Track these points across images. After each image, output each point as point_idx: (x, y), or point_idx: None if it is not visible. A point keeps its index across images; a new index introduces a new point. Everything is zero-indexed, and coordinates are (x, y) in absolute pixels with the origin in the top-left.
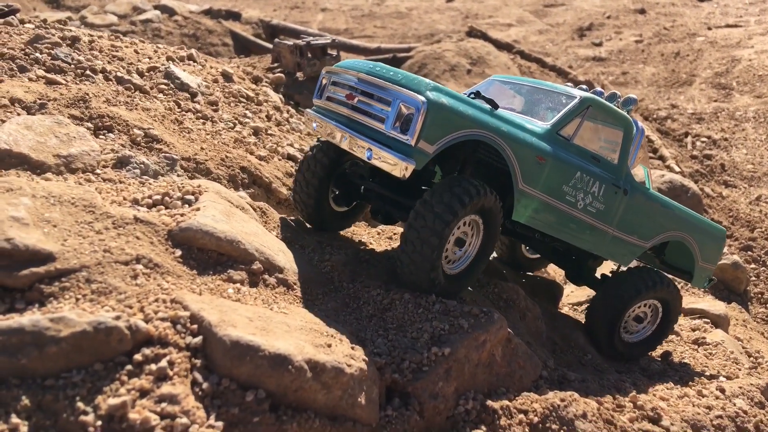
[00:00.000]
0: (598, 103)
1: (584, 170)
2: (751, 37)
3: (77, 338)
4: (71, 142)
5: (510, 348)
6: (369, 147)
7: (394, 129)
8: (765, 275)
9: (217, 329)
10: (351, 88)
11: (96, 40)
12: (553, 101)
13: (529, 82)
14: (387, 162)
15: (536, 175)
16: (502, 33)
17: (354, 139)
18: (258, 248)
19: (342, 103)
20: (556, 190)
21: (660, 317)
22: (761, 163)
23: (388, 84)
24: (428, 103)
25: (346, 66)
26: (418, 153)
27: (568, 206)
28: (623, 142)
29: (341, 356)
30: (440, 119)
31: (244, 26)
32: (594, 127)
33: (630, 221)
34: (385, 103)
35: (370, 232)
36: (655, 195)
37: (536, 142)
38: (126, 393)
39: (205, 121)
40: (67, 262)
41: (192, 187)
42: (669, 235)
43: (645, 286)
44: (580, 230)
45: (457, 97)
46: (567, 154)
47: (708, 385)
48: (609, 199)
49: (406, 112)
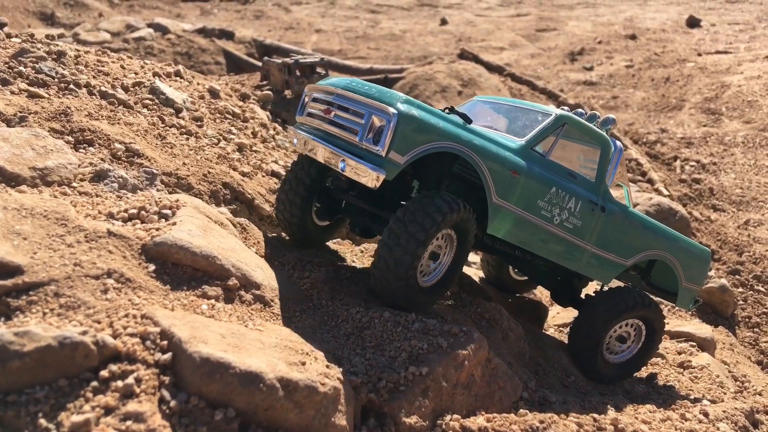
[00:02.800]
0: (573, 120)
1: (559, 186)
2: (741, 63)
3: (41, 353)
4: (48, 154)
5: (490, 368)
6: (343, 158)
7: (366, 140)
8: (752, 299)
9: (188, 345)
10: (328, 103)
11: (82, 55)
12: (530, 119)
13: (509, 102)
14: (359, 172)
15: (510, 189)
16: (494, 56)
17: (329, 151)
18: (235, 264)
19: (321, 118)
20: (531, 204)
21: (644, 337)
22: (749, 188)
23: (361, 97)
24: (399, 115)
25: (326, 83)
26: (388, 163)
27: (544, 221)
28: (600, 160)
29: (315, 374)
30: (410, 130)
31: (237, 45)
32: (570, 145)
33: (608, 238)
34: (359, 116)
35: (354, 250)
36: (634, 213)
37: (509, 156)
38: (90, 410)
39: (188, 136)
40: (36, 276)
41: (169, 201)
42: (650, 254)
43: (626, 305)
44: (557, 245)
45: (428, 110)
46: (541, 169)
47: (692, 408)
48: (586, 216)
49: (378, 124)
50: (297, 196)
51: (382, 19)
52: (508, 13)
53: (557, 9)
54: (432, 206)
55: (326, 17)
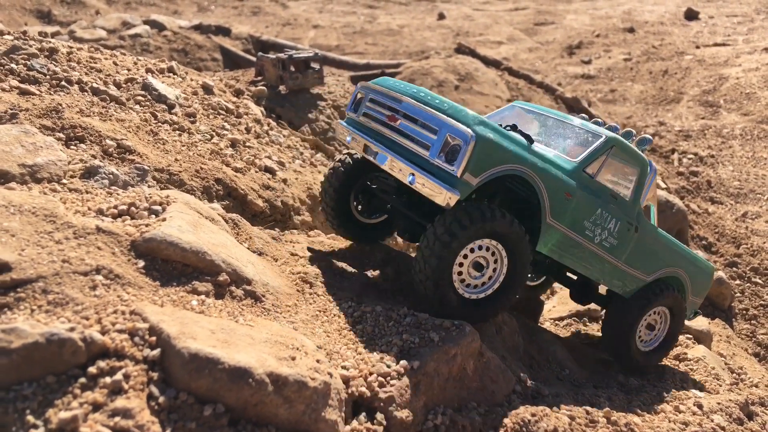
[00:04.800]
0: (620, 143)
1: (604, 207)
2: (739, 55)
3: (29, 350)
4: (38, 151)
5: (482, 362)
6: (412, 172)
7: (438, 158)
8: (750, 291)
9: (176, 341)
10: (393, 109)
11: (74, 52)
12: (579, 138)
13: (553, 114)
14: (430, 189)
15: (563, 210)
16: (492, 50)
17: (395, 161)
18: (225, 259)
19: (381, 123)
20: (578, 224)
21: (669, 323)
22: (747, 180)
23: (435, 112)
24: (477, 137)
25: (386, 85)
26: (462, 184)
27: (586, 240)
28: (638, 181)
29: (305, 369)
30: (485, 153)
31: (233, 42)
32: (613, 165)
33: (637, 256)
34: (431, 131)
35: (348, 245)
36: (660, 233)
37: (566, 178)
38: (78, 406)
39: (181, 132)
40: (24, 272)
41: (160, 197)
42: (668, 271)
43: (654, 295)
44: (593, 262)
45: (500, 132)
46: (590, 191)
47: (685, 400)
48: (622, 236)
49: (452, 142)
50: (332, 189)
51: (380, 14)
52: (505, 7)
53: (555, 2)
54: (464, 214)
55: (323, 13)
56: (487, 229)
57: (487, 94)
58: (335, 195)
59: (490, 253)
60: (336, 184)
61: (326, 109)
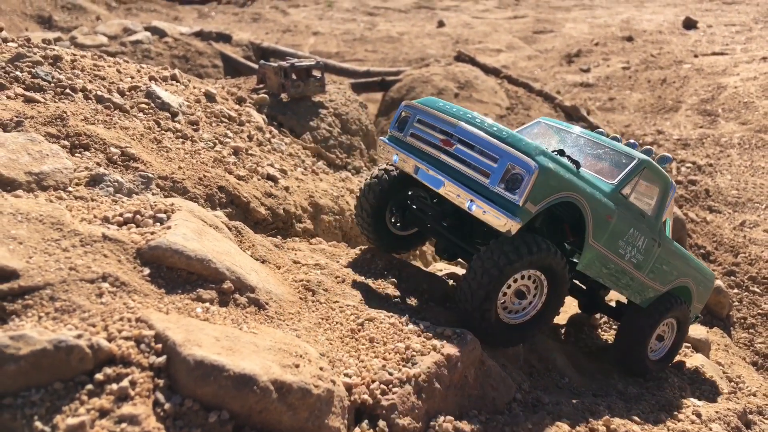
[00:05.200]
0: (651, 165)
1: (636, 227)
2: (737, 64)
3: (37, 356)
4: (44, 159)
5: (483, 370)
6: (471, 198)
7: (498, 186)
8: (748, 300)
9: (182, 348)
10: (447, 134)
11: (78, 60)
12: (613, 160)
13: (584, 134)
14: (492, 217)
15: (602, 231)
16: (491, 58)
17: (452, 186)
18: (229, 267)
19: (435, 147)
20: (613, 244)
21: (675, 333)
22: (745, 189)
23: (495, 141)
24: (540, 168)
25: (437, 107)
26: (523, 212)
27: (618, 257)
28: (660, 199)
29: (309, 376)
30: (546, 182)
31: (234, 48)
32: (642, 185)
33: (657, 270)
34: (490, 159)
35: (349, 252)
36: (677, 246)
37: (607, 201)
38: (85, 413)
39: (184, 140)
40: (32, 280)
41: (164, 205)
42: (680, 281)
43: (666, 308)
44: (621, 277)
45: (557, 161)
46: (625, 212)
47: (684, 409)
48: (648, 252)
49: (512, 171)
50: (369, 204)
51: (380, 21)
52: (505, 15)
53: (554, 11)
54: (515, 245)
55: (324, 20)
56: (535, 262)
57: (486, 102)
58: (372, 210)
59: (531, 281)
60: (373, 200)
61: (327, 117)
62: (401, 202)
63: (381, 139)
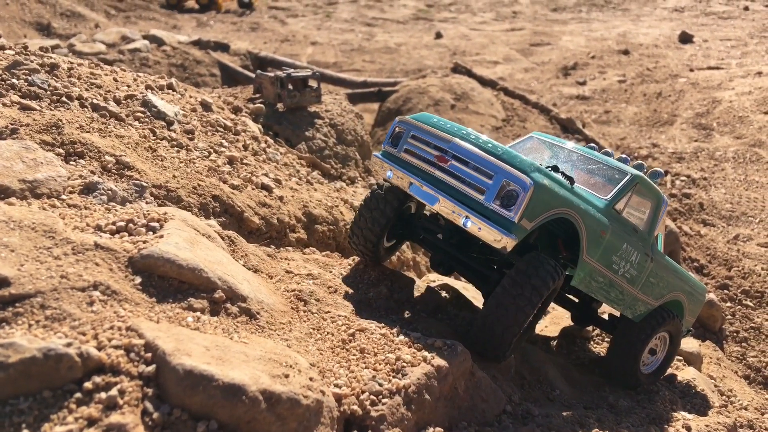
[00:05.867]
0: (643, 180)
1: (629, 242)
2: (732, 79)
3: (26, 365)
4: (38, 167)
5: (473, 381)
6: (467, 215)
7: (494, 202)
8: (741, 314)
9: (171, 358)
10: (442, 150)
11: (75, 68)
12: (606, 175)
13: (576, 149)
14: (487, 233)
15: (596, 247)
16: (488, 70)
17: (447, 202)
18: (221, 277)
19: (430, 163)
20: (607, 259)
21: (668, 347)
22: (740, 203)
23: (490, 157)
24: (535, 185)
25: (431, 123)
26: (518, 229)
27: (612, 273)
28: (653, 213)
29: (298, 387)
30: (541, 199)
31: (232, 58)
32: (634, 200)
33: (650, 284)
34: (485, 175)
35: (342, 263)
36: (669, 261)
37: (601, 217)
38: (73, 421)
39: (179, 149)
40: (22, 287)
41: (158, 214)
42: (672, 295)
43: (658, 322)
44: (615, 292)
45: (551, 177)
46: (619, 227)
47: (674, 422)
48: (641, 267)
49: (507, 188)
50: (377, 225)
51: (378, 32)
52: (502, 27)
53: (551, 24)
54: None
55: (322, 30)
56: (553, 288)
57: (482, 114)
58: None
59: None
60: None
61: (323, 127)
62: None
63: (375, 155)
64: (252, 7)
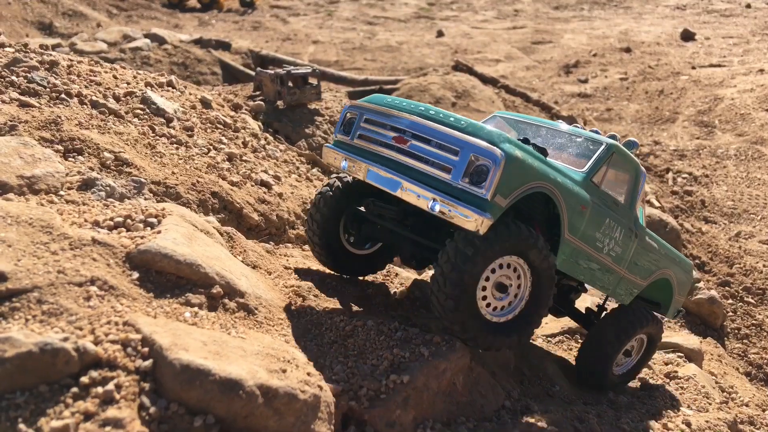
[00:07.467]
0: (619, 149)
1: (611, 217)
2: (734, 76)
3: (22, 359)
4: (36, 163)
5: (472, 377)
6: (434, 198)
7: (462, 181)
8: (742, 311)
9: (168, 352)
10: (399, 130)
11: (75, 65)
12: (580, 147)
13: (544, 123)
14: (457, 215)
15: (578, 224)
16: (490, 68)
17: (411, 186)
18: (219, 272)
19: (387, 146)
20: (591, 236)
21: (644, 350)
22: (741, 200)
23: (453, 131)
24: (506, 156)
25: (385, 104)
26: (492, 207)
27: (596, 251)
28: (632, 186)
29: (295, 382)
30: (515, 173)
31: (233, 56)
32: (611, 172)
33: (636, 263)
34: (450, 152)
35: None
36: (653, 236)
37: (580, 191)
38: (70, 416)
39: (178, 146)
40: (19, 282)
41: (156, 210)
42: (661, 273)
43: (640, 323)
44: (601, 273)
45: (524, 149)
46: (599, 201)
47: (674, 418)
48: (625, 243)
49: (477, 162)
50: (320, 216)
51: (379, 30)
52: (504, 25)
53: (553, 22)
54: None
55: (323, 28)
56: (511, 246)
57: (483, 112)
58: (323, 224)
59: (512, 271)
60: (325, 212)
61: (323, 124)
62: (356, 215)
63: (326, 146)
64: (254, 6)
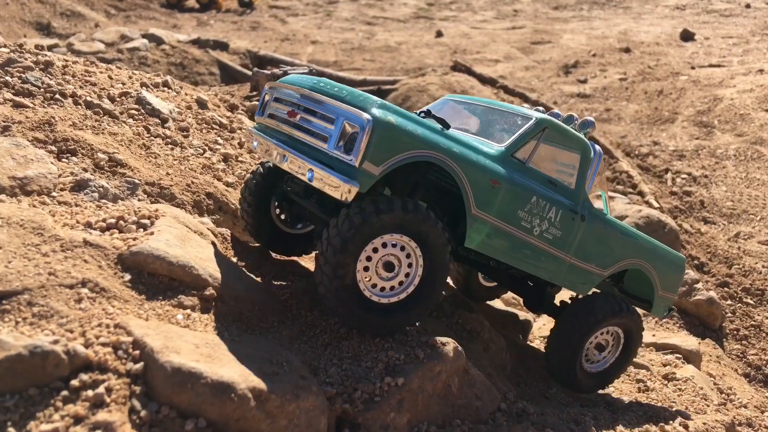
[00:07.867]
0: (554, 125)
1: (540, 195)
2: (734, 76)
3: (12, 362)
4: (28, 164)
5: (467, 379)
6: (310, 168)
7: (337, 149)
8: (741, 312)
9: (159, 355)
10: (293, 104)
11: (70, 65)
12: (509, 122)
13: (483, 102)
14: (329, 184)
15: (490, 200)
16: (489, 68)
17: (295, 158)
18: (212, 274)
19: (283, 121)
20: (511, 215)
21: (621, 346)
22: (740, 201)
23: (331, 100)
24: (374, 121)
25: (289, 81)
26: (362, 175)
27: (524, 232)
28: (581, 166)
29: (288, 385)
30: (387, 139)
31: (231, 56)
32: (551, 150)
33: (588, 249)
34: (328, 121)
35: None
36: (613, 221)
37: (490, 164)
38: (59, 419)
39: (173, 146)
40: (10, 284)
41: (149, 211)
42: (628, 263)
43: (606, 312)
44: (536, 257)
45: (405, 115)
46: (522, 177)
47: (671, 420)
48: (566, 226)
49: (350, 130)
50: (249, 197)
51: (378, 30)
52: (503, 25)
53: (552, 22)
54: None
55: (322, 29)
56: (389, 223)
57: None
58: (252, 205)
59: (399, 249)
60: (252, 193)
61: None
62: (285, 195)
63: (248, 128)
64: (252, 6)
